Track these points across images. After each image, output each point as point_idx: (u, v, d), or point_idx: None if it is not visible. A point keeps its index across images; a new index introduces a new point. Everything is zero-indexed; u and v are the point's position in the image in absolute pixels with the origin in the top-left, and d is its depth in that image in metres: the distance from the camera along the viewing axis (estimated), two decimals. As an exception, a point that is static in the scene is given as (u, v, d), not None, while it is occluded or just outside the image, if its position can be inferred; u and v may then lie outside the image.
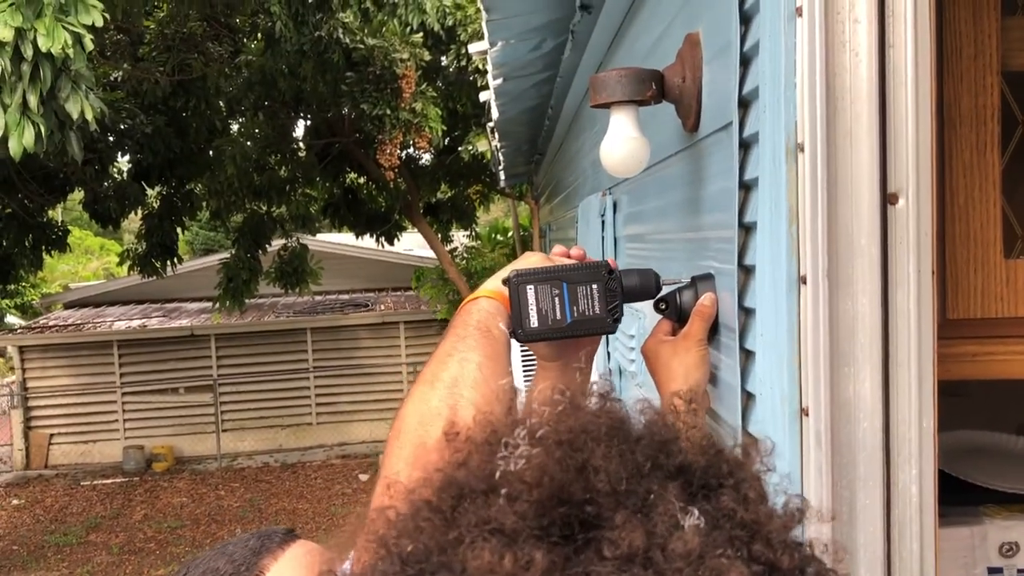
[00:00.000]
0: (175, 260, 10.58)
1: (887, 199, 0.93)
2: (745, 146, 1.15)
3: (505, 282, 1.15)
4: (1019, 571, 1.34)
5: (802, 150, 0.93)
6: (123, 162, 10.50)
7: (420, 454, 0.59)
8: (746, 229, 1.16)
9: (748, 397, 1.17)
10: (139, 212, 10.62)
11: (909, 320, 0.93)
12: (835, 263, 0.94)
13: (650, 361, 1.29)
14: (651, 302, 1.29)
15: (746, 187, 1.15)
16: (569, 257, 1.23)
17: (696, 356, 1.24)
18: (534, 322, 1.14)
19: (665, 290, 1.28)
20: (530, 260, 1.20)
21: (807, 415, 0.95)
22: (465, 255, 12.59)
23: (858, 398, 0.95)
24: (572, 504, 0.52)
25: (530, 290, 1.14)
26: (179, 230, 10.89)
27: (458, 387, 0.93)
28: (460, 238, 13.54)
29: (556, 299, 1.14)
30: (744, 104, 1.15)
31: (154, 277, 10.53)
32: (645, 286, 1.23)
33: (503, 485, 0.53)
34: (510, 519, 0.51)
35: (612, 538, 0.49)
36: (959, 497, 1.33)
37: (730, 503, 0.53)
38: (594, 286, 1.16)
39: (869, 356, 0.94)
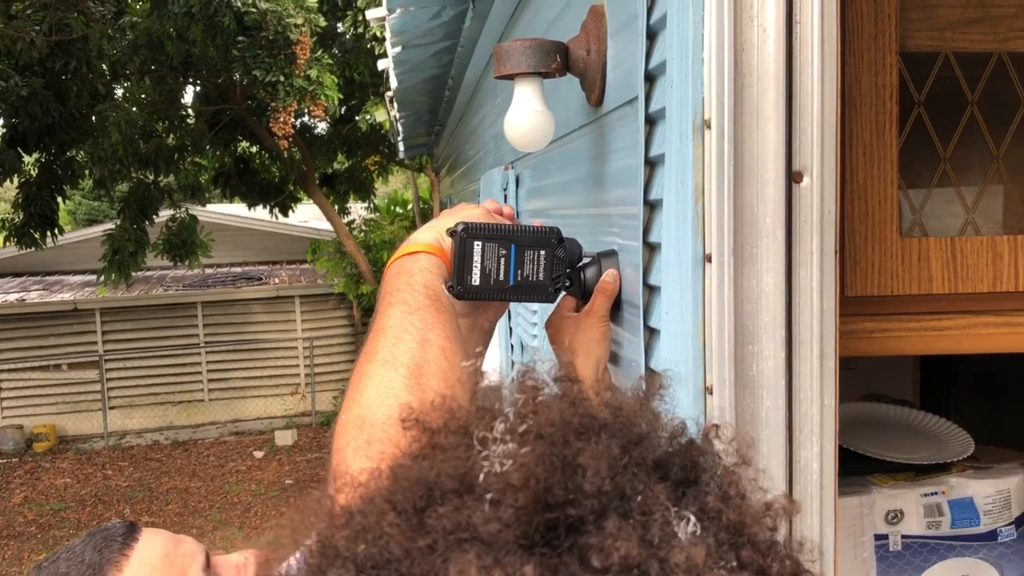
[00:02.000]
0: (56, 231, 10.11)
1: (792, 177, 0.93)
2: (651, 122, 1.13)
3: (451, 233, 1.10)
4: (903, 537, 1.39)
5: (709, 127, 0.92)
6: (-4, 126, 9.93)
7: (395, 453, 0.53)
8: (651, 207, 1.15)
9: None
10: (15, 180, 10.08)
11: (812, 298, 0.94)
12: (740, 241, 0.93)
13: (552, 337, 1.29)
14: None
15: (651, 164, 1.14)
16: (502, 214, 1.20)
17: (598, 332, 1.24)
18: (476, 280, 1.10)
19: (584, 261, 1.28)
20: (472, 212, 1.15)
21: (711, 393, 0.94)
22: (363, 227, 12.42)
23: (762, 376, 0.95)
24: (557, 508, 0.46)
25: (477, 246, 1.10)
26: (60, 199, 10.40)
27: (424, 376, 0.86)
28: (358, 210, 13.33)
29: (502, 259, 1.12)
30: (650, 78, 1.13)
31: (33, 248, 10.05)
32: (571, 257, 1.22)
33: (486, 487, 0.46)
34: (493, 526, 0.44)
35: (602, 546, 0.44)
36: (846, 467, 1.37)
37: (715, 503, 0.48)
38: (542, 252, 1.14)
39: (773, 334, 0.94)
